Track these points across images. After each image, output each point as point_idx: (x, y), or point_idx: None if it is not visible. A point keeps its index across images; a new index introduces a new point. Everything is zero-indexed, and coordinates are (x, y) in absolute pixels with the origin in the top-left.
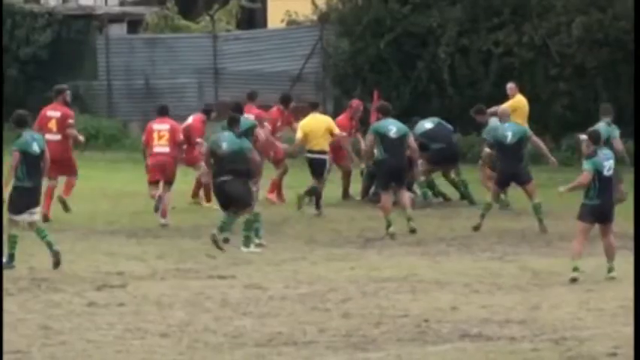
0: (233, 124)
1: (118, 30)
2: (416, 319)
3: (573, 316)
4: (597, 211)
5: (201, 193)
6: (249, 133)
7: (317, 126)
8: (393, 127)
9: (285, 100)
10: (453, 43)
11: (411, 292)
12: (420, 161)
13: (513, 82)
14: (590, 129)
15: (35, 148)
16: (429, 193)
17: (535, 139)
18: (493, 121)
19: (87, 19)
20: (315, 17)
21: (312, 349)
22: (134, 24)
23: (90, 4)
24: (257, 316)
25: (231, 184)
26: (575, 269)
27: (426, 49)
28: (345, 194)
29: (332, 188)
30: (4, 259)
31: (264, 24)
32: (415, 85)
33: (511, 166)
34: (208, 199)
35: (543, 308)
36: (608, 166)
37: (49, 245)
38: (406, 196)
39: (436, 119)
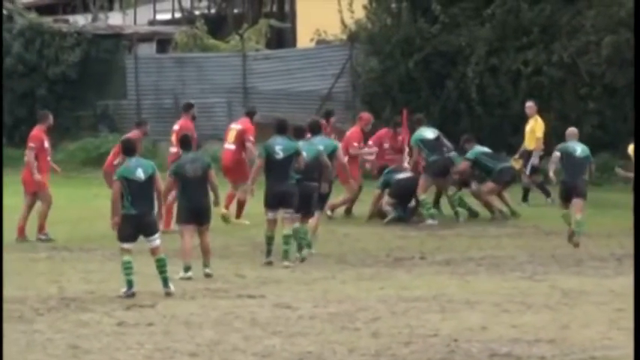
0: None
1: (147, 49)
2: (445, 338)
3: (603, 335)
4: None
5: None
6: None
7: None
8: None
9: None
10: (482, 63)
11: (440, 311)
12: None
13: (532, 101)
14: None
15: (139, 174)
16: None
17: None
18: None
19: (116, 38)
20: (344, 36)
21: None
22: (163, 43)
23: (119, 23)
24: (286, 336)
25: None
26: None
27: (455, 69)
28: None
29: (362, 207)
30: (123, 289)
31: (293, 43)
32: (444, 105)
33: (574, 179)
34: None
35: (573, 327)
36: None
37: (164, 281)
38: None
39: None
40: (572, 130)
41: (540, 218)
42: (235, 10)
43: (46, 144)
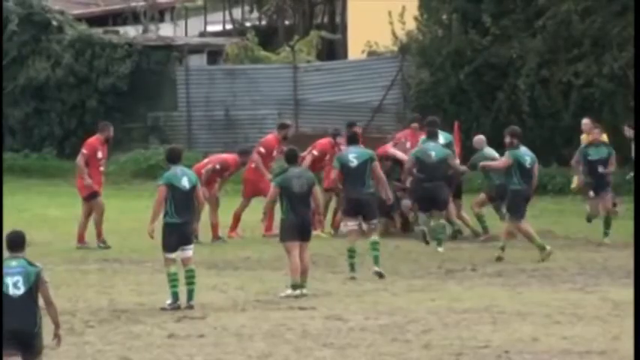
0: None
1: (197, 61)
2: (497, 350)
3: None
4: None
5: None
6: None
7: None
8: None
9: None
10: (533, 75)
11: (491, 323)
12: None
13: (588, 117)
14: None
15: (184, 183)
16: None
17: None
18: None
19: (167, 49)
20: (395, 48)
21: None
22: (214, 55)
23: (170, 34)
24: (337, 347)
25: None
26: None
27: (506, 81)
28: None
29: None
30: (168, 301)
31: (344, 55)
32: (495, 117)
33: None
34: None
35: (624, 339)
36: None
37: (189, 293)
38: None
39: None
40: (479, 138)
41: (591, 230)
42: (286, 22)
43: (100, 154)
